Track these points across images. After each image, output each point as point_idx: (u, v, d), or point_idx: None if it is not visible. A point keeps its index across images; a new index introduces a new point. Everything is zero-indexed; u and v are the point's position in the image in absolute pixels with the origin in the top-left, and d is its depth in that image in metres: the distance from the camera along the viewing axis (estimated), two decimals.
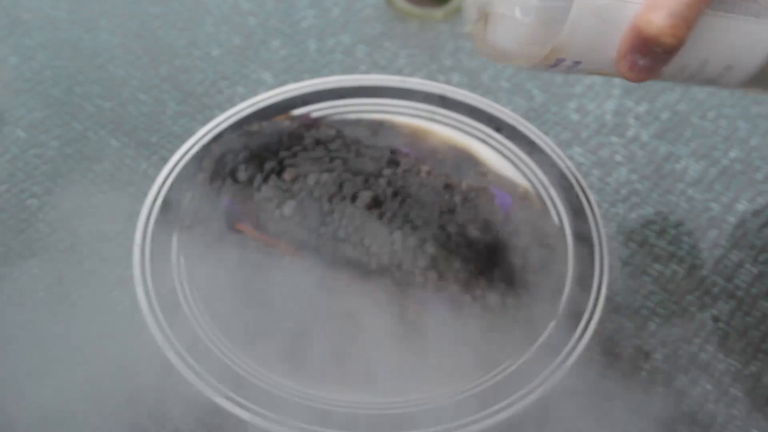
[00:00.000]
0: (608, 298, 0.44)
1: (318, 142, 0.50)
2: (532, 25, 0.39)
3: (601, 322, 0.43)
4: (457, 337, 0.43)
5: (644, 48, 0.35)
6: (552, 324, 0.43)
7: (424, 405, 0.41)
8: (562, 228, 0.48)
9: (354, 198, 0.47)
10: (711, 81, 0.42)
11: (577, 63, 0.39)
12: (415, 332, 0.43)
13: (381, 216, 0.46)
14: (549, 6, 0.38)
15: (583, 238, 0.47)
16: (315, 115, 0.53)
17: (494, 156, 0.52)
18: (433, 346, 0.43)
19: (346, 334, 0.43)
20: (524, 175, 0.51)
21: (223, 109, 0.56)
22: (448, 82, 0.60)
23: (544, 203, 0.49)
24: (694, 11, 0.35)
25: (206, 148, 0.50)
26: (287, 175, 0.48)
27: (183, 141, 0.54)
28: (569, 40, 0.37)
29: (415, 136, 0.53)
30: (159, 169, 0.53)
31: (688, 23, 0.35)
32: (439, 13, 0.65)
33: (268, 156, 0.49)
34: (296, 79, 0.59)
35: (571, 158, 0.55)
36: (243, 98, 0.57)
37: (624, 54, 0.36)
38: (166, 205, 0.48)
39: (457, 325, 0.44)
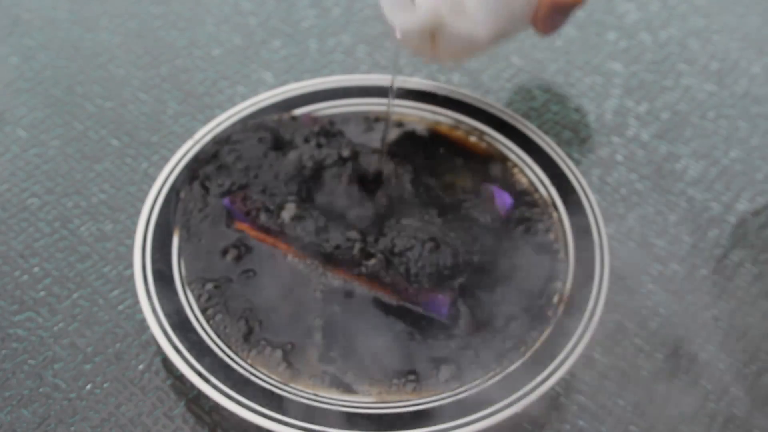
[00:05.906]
0: (608, 298, 0.44)
1: (319, 143, 0.50)
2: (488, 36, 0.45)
3: (601, 321, 0.43)
4: (456, 337, 0.43)
5: (562, 9, 0.46)
6: (552, 324, 0.43)
7: (423, 404, 0.41)
8: (562, 227, 0.48)
9: (353, 198, 0.47)
10: None
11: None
12: (414, 330, 0.44)
13: (376, 215, 0.46)
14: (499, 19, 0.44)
15: (583, 238, 0.47)
16: (315, 114, 0.53)
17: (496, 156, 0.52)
18: (430, 345, 0.43)
19: (345, 331, 0.43)
20: (525, 174, 0.51)
21: (223, 109, 0.56)
22: (448, 81, 0.60)
23: (545, 202, 0.49)
24: None
25: (206, 150, 0.50)
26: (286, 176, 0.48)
27: (184, 140, 0.54)
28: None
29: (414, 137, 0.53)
30: (160, 168, 0.53)
31: None
32: None
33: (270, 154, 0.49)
34: (297, 79, 0.59)
35: (571, 158, 0.55)
36: (244, 98, 0.58)
37: (544, 16, 0.46)
38: (167, 204, 0.48)
39: (456, 325, 0.44)
